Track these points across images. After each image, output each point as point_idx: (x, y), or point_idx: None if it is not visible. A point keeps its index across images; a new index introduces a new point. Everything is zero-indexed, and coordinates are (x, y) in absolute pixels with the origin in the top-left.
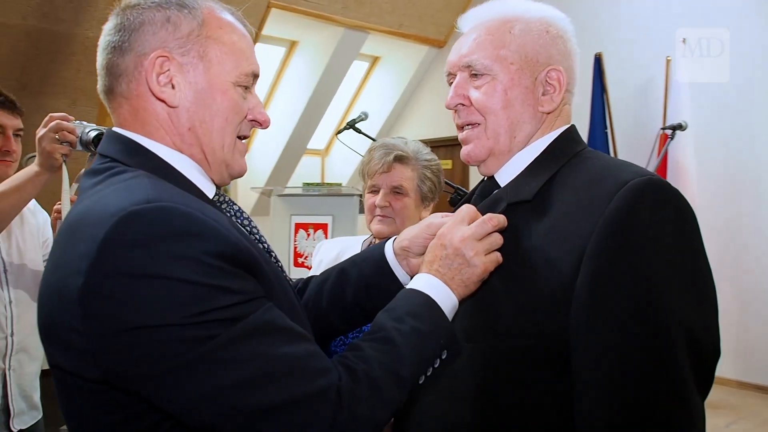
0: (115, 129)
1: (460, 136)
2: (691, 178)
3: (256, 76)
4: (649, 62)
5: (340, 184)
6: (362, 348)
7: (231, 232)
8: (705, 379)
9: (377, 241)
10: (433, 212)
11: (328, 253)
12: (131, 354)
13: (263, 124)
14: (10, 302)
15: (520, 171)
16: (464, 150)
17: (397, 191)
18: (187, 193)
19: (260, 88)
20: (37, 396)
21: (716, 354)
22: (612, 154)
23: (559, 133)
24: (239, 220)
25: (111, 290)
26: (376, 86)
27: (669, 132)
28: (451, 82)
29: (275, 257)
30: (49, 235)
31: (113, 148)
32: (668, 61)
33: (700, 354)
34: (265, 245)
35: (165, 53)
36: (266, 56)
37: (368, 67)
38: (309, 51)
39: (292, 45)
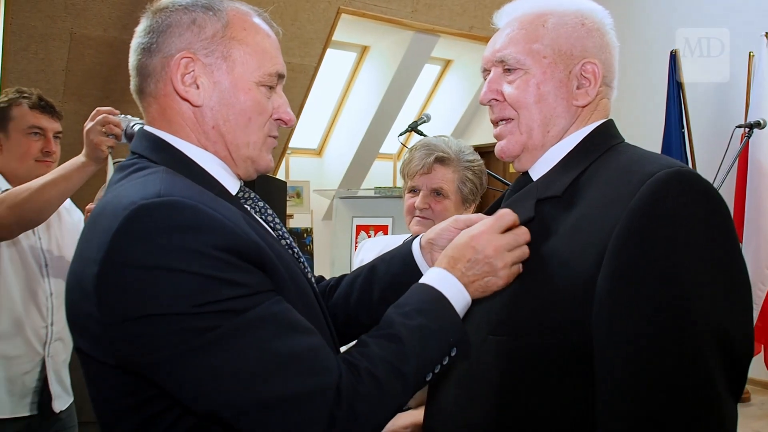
0: (145, 127)
1: (494, 132)
2: None
3: (281, 76)
4: (731, 59)
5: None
6: (368, 345)
7: (239, 227)
8: (737, 380)
9: None
10: (475, 213)
11: (369, 252)
12: (140, 341)
13: (288, 123)
14: (51, 294)
15: (553, 166)
16: (498, 146)
17: (437, 193)
18: (202, 189)
19: (333, 93)
20: (68, 381)
21: (749, 354)
22: (689, 154)
23: (594, 127)
24: (263, 216)
25: (122, 280)
26: (448, 89)
27: (746, 130)
28: (486, 78)
29: (297, 254)
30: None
31: (142, 145)
32: (751, 57)
33: (731, 354)
34: (288, 241)
35: (190, 54)
36: (337, 62)
37: (440, 70)
38: (380, 55)
39: (363, 50)
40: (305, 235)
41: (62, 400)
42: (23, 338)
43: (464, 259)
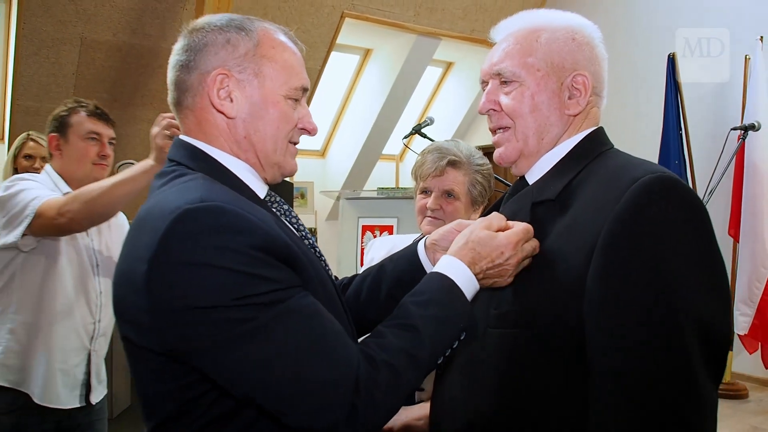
0: (181, 137)
1: (493, 139)
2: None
3: (305, 89)
4: (729, 60)
5: (413, 189)
6: (385, 335)
7: (273, 228)
8: (717, 367)
9: None
10: (482, 215)
11: (378, 251)
12: (185, 330)
13: (311, 132)
14: (100, 292)
15: (547, 170)
16: (496, 153)
17: (448, 194)
18: (237, 194)
19: (336, 95)
20: (104, 374)
21: (727, 343)
22: (686, 156)
23: (585, 135)
24: (288, 219)
25: (169, 276)
26: (450, 91)
27: (741, 132)
28: (484, 89)
29: (319, 253)
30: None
31: (180, 153)
32: (747, 60)
33: (712, 344)
34: (310, 241)
35: (225, 71)
36: (341, 64)
37: (442, 72)
38: (383, 58)
39: (366, 53)
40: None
41: (99, 392)
42: (75, 332)
43: (481, 257)
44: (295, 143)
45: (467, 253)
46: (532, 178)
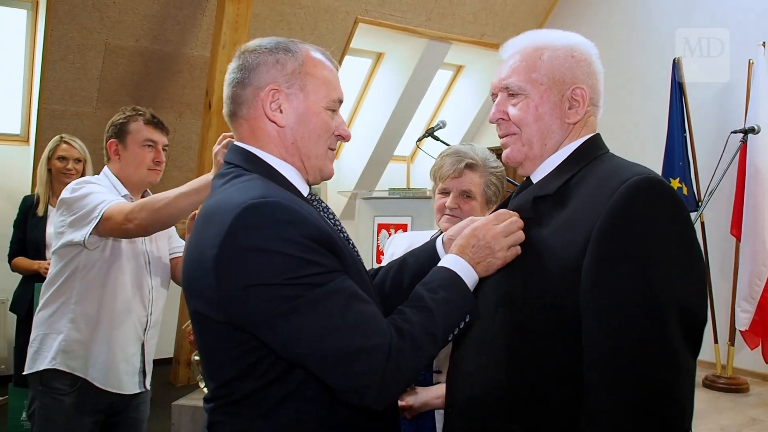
0: (236, 143)
1: (501, 142)
2: None
3: (341, 101)
4: (731, 66)
5: (424, 189)
6: (406, 313)
7: (319, 221)
8: (695, 343)
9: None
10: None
11: (398, 246)
12: (247, 304)
13: (346, 138)
14: (152, 288)
15: (550, 171)
16: (504, 154)
17: (466, 195)
18: (288, 192)
19: (349, 98)
20: (152, 365)
21: (704, 323)
22: (690, 158)
23: (584, 140)
24: (326, 215)
25: (235, 259)
26: (460, 94)
27: (742, 135)
28: (494, 100)
29: (353, 244)
30: (173, 234)
31: (236, 157)
32: (750, 64)
33: (692, 322)
34: (345, 234)
35: (276, 86)
36: (354, 67)
37: (452, 75)
38: (394, 62)
39: (378, 56)
40: None
41: (149, 378)
42: (133, 325)
43: (470, 246)
44: (333, 149)
45: (454, 247)
46: (536, 178)
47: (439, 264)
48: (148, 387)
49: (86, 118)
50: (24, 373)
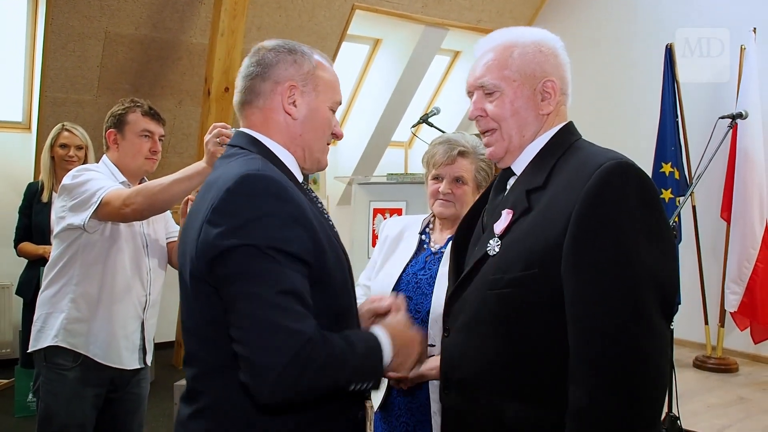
0: (243, 129)
1: (483, 140)
2: (758, 168)
3: (340, 103)
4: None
5: (422, 175)
6: (332, 334)
7: (304, 202)
8: (669, 310)
9: (437, 220)
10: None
11: (392, 229)
12: (225, 259)
13: (339, 137)
14: (150, 269)
15: (530, 160)
16: (487, 151)
17: (458, 180)
18: (284, 175)
19: (347, 84)
20: (152, 342)
21: (677, 291)
22: (682, 143)
23: (557, 129)
24: (316, 203)
25: (225, 220)
26: (457, 79)
27: (730, 121)
28: (471, 98)
29: (336, 233)
30: (169, 218)
31: (242, 140)
32: (742, 50)
33: (664, 292)
34: (331, 222)
35: (294, 83)
36: (352, 54)
37: (450, 61)
38: (392, 48)
39: (375, 43)
40: None
41: (150, 355)
42: (132, 303)
43: (400, 341)
44: (329, 144)
45: (397, 346)
46: (517, 167)
47: (373, 330)
48: (149, 363)
49: (87, 106)
50: (28, 351)
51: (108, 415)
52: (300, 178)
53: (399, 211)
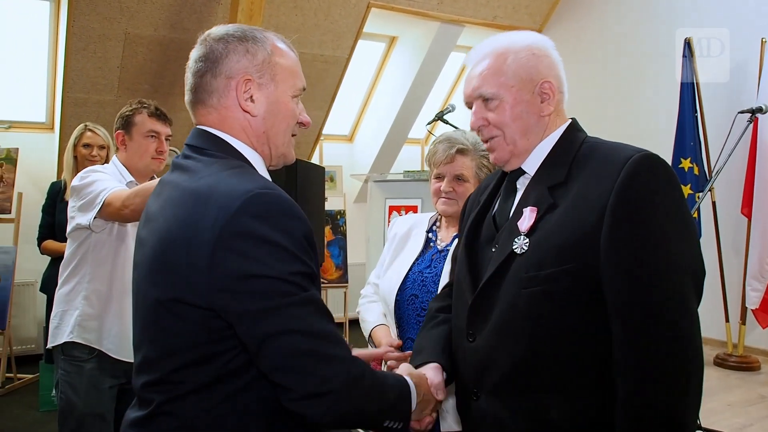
0: (201, 127)
1: (486, 146)
2: None
3: (304, 89)
4: (744, 43)
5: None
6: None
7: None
8: (699, 293)
9: (443, 218)
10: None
11: (401, 228)
12: (239, 292)
13: (306, 125)
14: None
15: (543, 159)
16: (491, 157)
17: (459, 178)
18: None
19: (363, 82)
20: None
21: (704, 275)
22: (702, 138)
23: (564, 127)
24: None
25: (236, 244)
26: None
27: (750, 115)
28: (470, 108)
29: None
30: None
31: (203, 141)
32: (763, 43)
33: (697, 277)
34: None
35: (249, 76)
36: (368, 52)
37: (466, 58)
38: (407, 45)
39: (391, 40)
40: (338, 216)
41: None
42: None
43: (426, 401)
44: (295, 135)
45: (420, 395)
46: (529, 167)
47: (407, 378)
48: None
49: (108, 106)
50: (47, 347)
51: (126, 405)
52: (269, 178)
53: (415, 209)
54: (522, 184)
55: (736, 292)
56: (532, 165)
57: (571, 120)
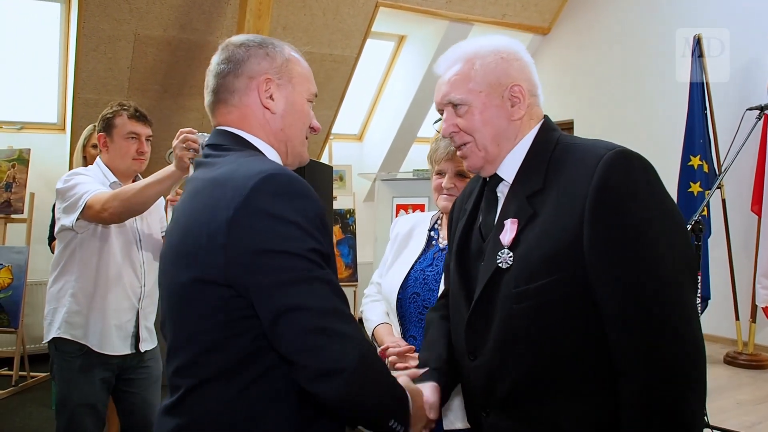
0: (222, 127)
1: (459, 153)
2: None
3: (316, 95)
4: (752, 42)
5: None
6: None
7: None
8: (695, 283)
9: (444, 216)
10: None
11: (403, 227)
12: (255, 267)
13: (317, 130)
14: (143, 262)
15: (519, 164)
16: (465, 164)
17: (460, 175)
18: None
19: (372, 81)
20: (153, 329)
21: (697, 262)
22: (711, 135)
23: (537, 129)
24: None
25: (252, 221)
26: None
27: (758, 112)
28: (441, 115)
29: None
30: (164, 215)
31: (224, 139)
32: None
33: (691, 268)
34: None
35: (269, 76)
36: (376, 51)
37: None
38: (416, 44)
39: (400, 39)
40: (348, 215)
41: (148, 342)
42: (125, 295)
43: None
44: (307, 138)
45: (414, 408)
46: (504, 173)
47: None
48: (142, 349)
49: None
50: (43, 342)
51: (123, 392)
52: None
53: (422, 207)
54: (502, 192)
55: (746, 290)
56: (508, 171)
57: (543, 119)
